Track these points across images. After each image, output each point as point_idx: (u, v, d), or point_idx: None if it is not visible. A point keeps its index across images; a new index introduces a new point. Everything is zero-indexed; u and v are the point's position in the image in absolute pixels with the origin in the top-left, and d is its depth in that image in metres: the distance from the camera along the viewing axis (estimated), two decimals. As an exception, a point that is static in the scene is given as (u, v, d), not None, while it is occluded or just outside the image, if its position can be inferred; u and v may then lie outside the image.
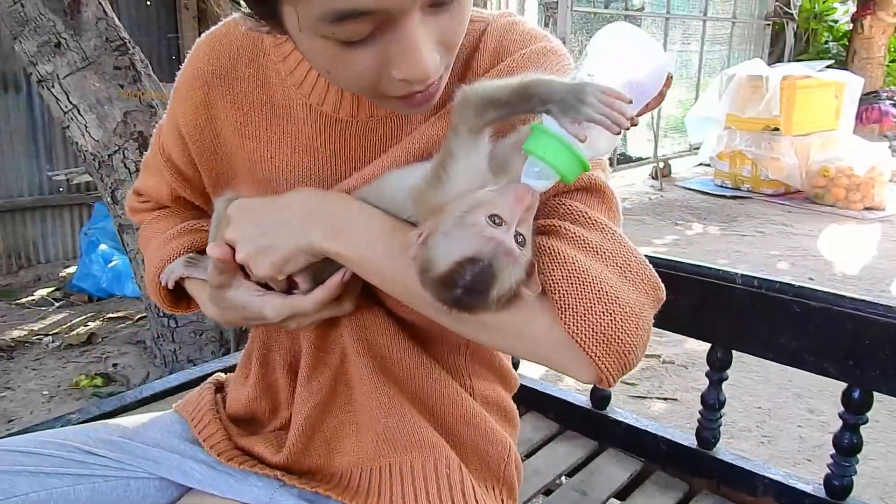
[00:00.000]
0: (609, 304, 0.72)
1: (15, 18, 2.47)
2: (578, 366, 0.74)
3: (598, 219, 0.77)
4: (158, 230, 1.00)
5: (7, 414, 2.62)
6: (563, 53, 0.84)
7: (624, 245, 0.77)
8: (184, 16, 4.49)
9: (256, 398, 0.99)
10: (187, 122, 0.90)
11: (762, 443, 2.53)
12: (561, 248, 0.74)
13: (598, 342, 0.71)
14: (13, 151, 4.03)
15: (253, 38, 0.88)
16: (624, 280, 0.74)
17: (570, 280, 0.72)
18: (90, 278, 3.77)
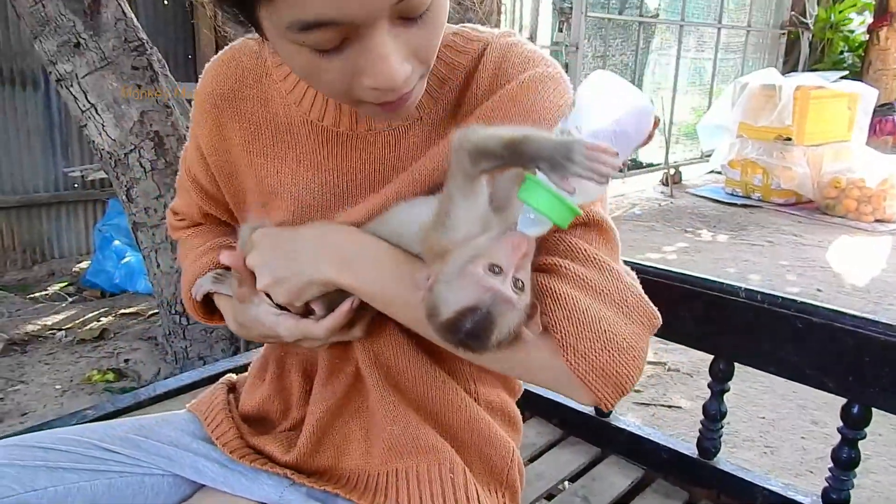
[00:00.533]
0: (607, 341, 0.77)
1: (36, 18, 2.51)
2: (579, 393, 0.80)
3: (596, 256, 0.81)
4: (192, 247, 1.05)
5: (21, 407, 2.66)
6: (560, 79, 0.87)
7: (621, 281, 0.81)
8: (200, 15, 4.53)
9: (270, 398, 1.02)
10: (206, 143, 0.96)
11: (765, 453, 2.54)
12: (562, 288, 0.78)
13: (597, 375, 0.77)
14: (30, 148, 4.08)
15: (256, 60, 0.93)
16: (621, 315, 0.79)
17: (571, 319, 0.77)
18: (103, 274, 3.81)
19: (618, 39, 6.57)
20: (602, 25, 6.32)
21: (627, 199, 6.77)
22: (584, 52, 6.06)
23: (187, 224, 1.10)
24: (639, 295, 0.82)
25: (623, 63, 6.69)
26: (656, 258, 4.83)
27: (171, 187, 2.65)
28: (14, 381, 2.86)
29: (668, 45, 7.27)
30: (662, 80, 7.35)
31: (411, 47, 0.71)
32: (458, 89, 0.87)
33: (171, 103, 2.69)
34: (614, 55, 6.55)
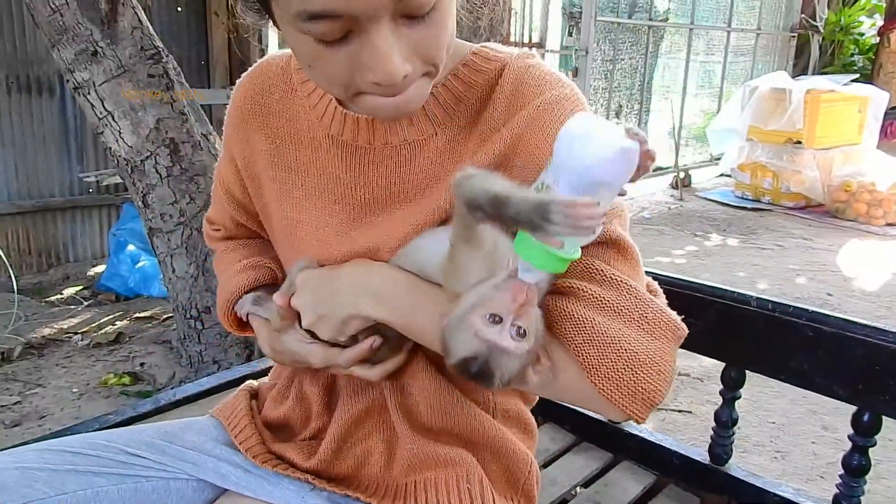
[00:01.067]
0: (630, 360, 0.79)
1: (54, 27, 2.55)
2: (609, 411, 0.82)
3: (614, 275, 0.82)
4: (229, 262, 1.09)
5: (39, 410, 2.70)
6: (576, 100, 0.88)
7: (640, 298, 0.82)
8: (214, 22, 4.57)
9: (291, 407, 1.05)
10: (239, 154, 1.00)
11: (775, 458, 2.55)
12: (581, 311, 0.80)
13: (624, 394, 0.79)
14: (46, 153, 4.13)
15: (283, 76, 0.98)
16: (642, 332, 0.80)
17: (593, 343, 0.79)
18: (118, 278, 3.85)
19: (627, 43, 6.58)
20: (611, 29, 6.33)
21: (637, 202, 6.77)
22: (593, 56, 6.07)
23: (223, 235, 1.13)
24: (659, 309, 0.82)
25: (632, 67, 6.70)
26: (666, 262, 4.84)
27: (187, 193, 2.68)
28: (32, 384, 2.90)
29: (677, 48, 7.28)
30: (672, 84, 7.35)
31: (414, 46, 0.74)
32: (474, 108, 0.89)
33: (186, 110, 2.72)
34: (624, 59, 6.56)
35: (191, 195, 2.69)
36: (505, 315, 0.74)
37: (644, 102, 6.93)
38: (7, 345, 3.19)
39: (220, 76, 4.57)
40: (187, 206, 2.69)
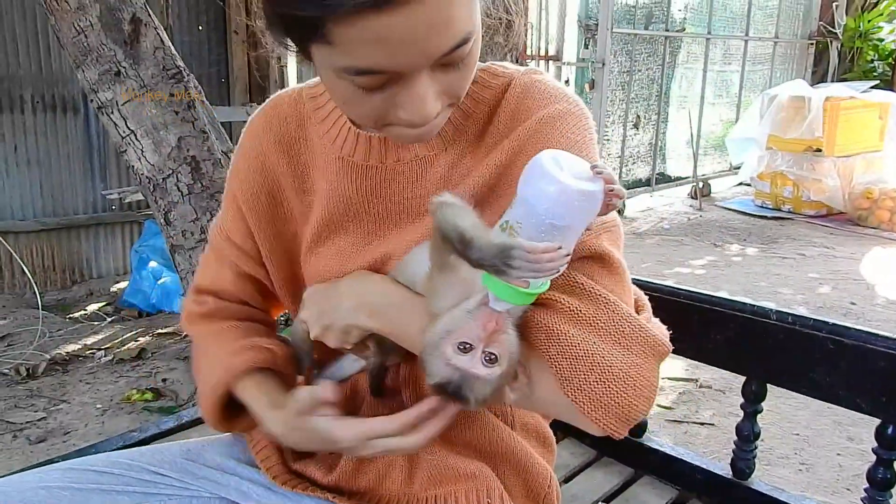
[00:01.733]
0: (602, 373, 0.79)
1: (78, 48, 2.60)
2: (586, 424, 0.82)
3: (593, 289, 0.82)
4: (221, 343, 1.01)
5: (63, 426, 2.73)
6: (580, 115, 0.90)
7: (618, 313, 0.82)
8: (234, 41, 4.63)
9: None
10: (244, 191, 1.00)
11: (800, 470, 2.52)
12: (555, 324, 0.81)
13: (597, 407, 0.79)
14: (70, 171, 4.20)
15: (296, 106, 1.00)
16: (616, 347, 0.80)
17: (565, 354, 0.80)
18: (140, 294, 3.90)
19: (644, 54, 6.57)
20: (628, 41, 6.33)
21: (656, 212, 6.75)
22: (610, 67, 6.07)
23: (208, 310, 1.05)
24: (639, 325, 0.82)
25: (649, 77, 6.69)
26: (686, 273, 4.81)
27: (208, 210, 2.71)
28: (56, 400, 2.94)
29: (694, 58, 7.25)
30: (689, 94, 7.33)
31: (445, 87, 0.78)
32: (481, 122, 0.91)
33: (207, 128, 2.76)
34: (640, 70, 6.56)
35: (212, 212, 2.72)
36: (475, 343, 0.76)
37: (662, 113, 6.91)
38: (32, 361, 3.23)
39: (239, 93, 4.62)
40: (208, 223, 2.72)
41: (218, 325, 1.04)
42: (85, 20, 2.55)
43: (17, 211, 4.08)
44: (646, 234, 5.88)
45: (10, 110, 3.95)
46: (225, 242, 1.03)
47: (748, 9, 7.64)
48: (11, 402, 2.91)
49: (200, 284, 1.07)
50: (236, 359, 0.97)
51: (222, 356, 0.98)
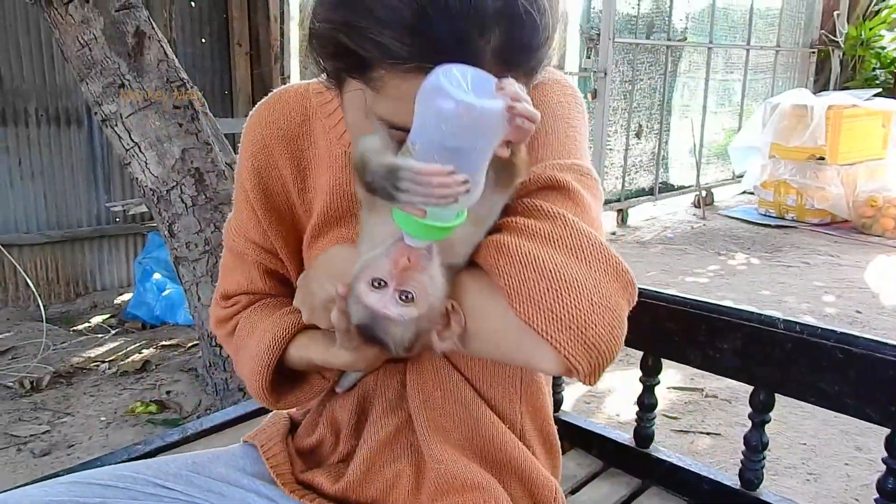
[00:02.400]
0: (554, 281, 0.73)
1: (83, 61, 2.61)
2: (541, 353, 0.75)
3: (551, 209, 0.79)
4: (263, 315, 1.01)
5: (67, 439, 2.72)
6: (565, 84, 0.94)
7: (577, 229, 0.77)
8: (236, 52, 4.65)
9: (322, 433, 1.05)
10: (254, 187, 1.00)
11: (808, 480, 2.51)
12: (507, 239, 0.77)
13: (549, 320, 0.73)
14: (74, 183, 4.21)
15: (302, 101, 1.00)
16: (574, 259, 0.75)
17: (513, 264, 0.75)
18: (144, 306, 3.90)
19: (646, 63, 6.58)
20: (629, 50, 6.34)
21: (659, 221, 6.74)
22: (612, 77, 6.08)
23: (243, 305, 1.06)
24: (599, 244, 0.77)
25: (651, 87, 6.70)
26: (690, 281, 4.80)
27: (212, 222, 2.72)
28: (61, 412, 2.93)
29: (696, 67, 7.26)
30: (691, 103, 7.33)
31: None
32: None
33: (210, 140, 2.77)
34: (642, 79, 6.56)
35: (215, 224, 2.72)
36: (388, 280, 0.72)
37: (664, 122, 6.91)
38: (36, 374, 3.23)
39: (242, 105, 4.64)
40: (212, 234, 2.72)
41: (256, 305, 1.05)
42: (89, 33, 2.57)
43: (22, 223, 4.08)
44: (649, 243, 5.87)
45: (15, 123, 3.97)
46: (245, 243, 1.03)
47: (749, 18, 7.65)
48: (16, 416, 2.90)
49: (227, 290, 1.07)
50: (288, 318, 0.97)
51: (273, 320, 0.98)
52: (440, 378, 0.95)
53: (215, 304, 1.09)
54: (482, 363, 0.96)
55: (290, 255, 1.03)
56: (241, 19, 4.62)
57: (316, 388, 1.03)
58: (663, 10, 6.63)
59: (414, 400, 0.96)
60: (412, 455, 0.98)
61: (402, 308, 0.72)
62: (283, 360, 0.98)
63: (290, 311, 0.98)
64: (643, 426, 1.46)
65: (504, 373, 0.97)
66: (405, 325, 0.73)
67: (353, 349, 0.84)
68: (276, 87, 1.05)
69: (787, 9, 8.15)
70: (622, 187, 6.55)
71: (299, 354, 0.96)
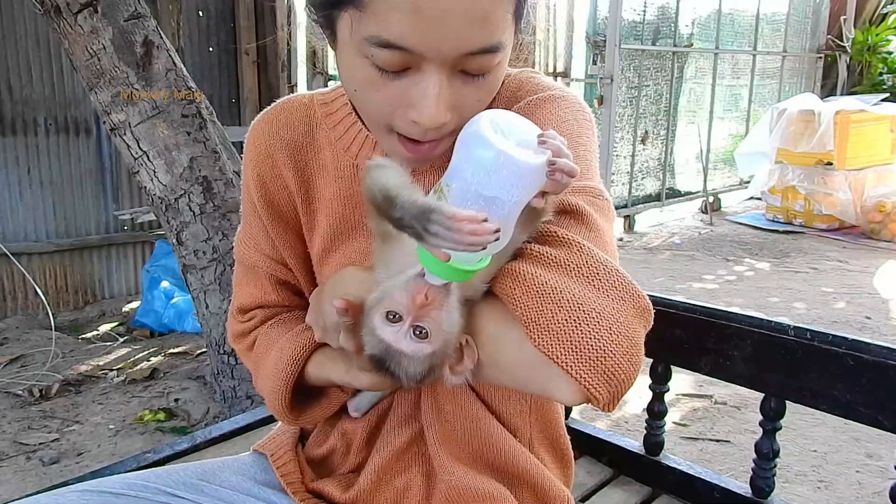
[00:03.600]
0: (572, 311, 0.72)
1: (91, 71, 2.63)
2: (558, 383, 0.74)
3: (566, 236, 0.78)
4: (280, 332, 1.00)
5: (76, 447, 2.73)
6: (571, 100, 0.91)
7: (592, 257, 0.76)
8: (244, 61, 4.67)
9: (334, 442, 1.05)
10: (259, 197, 0.99)
11: (818, 488, 2.49)
12: (521, 267, 0.76)
13: (567, 351, 0.72)
14: (83, 192, 4.22)
15: (306, 111, 0.99)
16: (590, 288, 0.74)
17: (530, 294, 0.74)
18: (152, 314, 3.91)
19: (652, 69, 6.58)
20: (636, 56, 6.34)
21: (666, 227, 6.73)
22: (618, 83, 6.08)
23: (260, 320, 1.05)
24: (615, 271, 0.76)
25: (658, 93, 6.69)
26: (698, 287, 4.78)
27: (220, 230, 2.72)
28: (70, 421, 2.94)
29: (702, 73, 7.26)
30: (698, 108, 7.32)
31: (459, 100, 0.77)
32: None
33: (218, 148, 2.78)
34: (649, 85, 6.56)
35: (223, 232, 2.73)
36: (404, 314, 0.72)
37: (671, 128, 6.90)
38: (45, 382, 3.24)
39: (250, 113, 4.66)
40: (220, 242, 2.73)
41: (273, 321, 1.03)
42: (98, 43, 2.58)
43: (31, 232, 4.10)
44: (657, 249, 5.86)
45: (24, 133, 3.99)
46: (255, 254, 1.03)
47: (756, 23, 7.64)
48: (25, 424, 2.91)
49: (243, 304, 1.05)
50: (304, 335, 0.96)
51: (290, 337, 0.97)
52: (452, 392, 0.95)
53: (232, 317, 1.08)
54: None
55: (300, 265, 1.02)
56: (249, 28, 4.64)
57: (335, 402, 1.01)
58: (669, 17, 6.63)
59: (427, 413, 0.96)
60: (423, 465, 0.97)
61: (417, 344, 0.72)
62: (302, 378, 0.96)
63: (307, 328, 0.97)
64: (653, 434, 1.45)
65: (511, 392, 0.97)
66: (419, 360, 0.73)
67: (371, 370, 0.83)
68: (283, 96, 1.04)
69: (794, 14, 8.14)
70: (629, 193, 6.54)
71: (318, 372, 0.95)
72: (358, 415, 0.99)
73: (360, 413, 0.99)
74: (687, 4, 6.75)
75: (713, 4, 7.08)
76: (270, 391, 0.97)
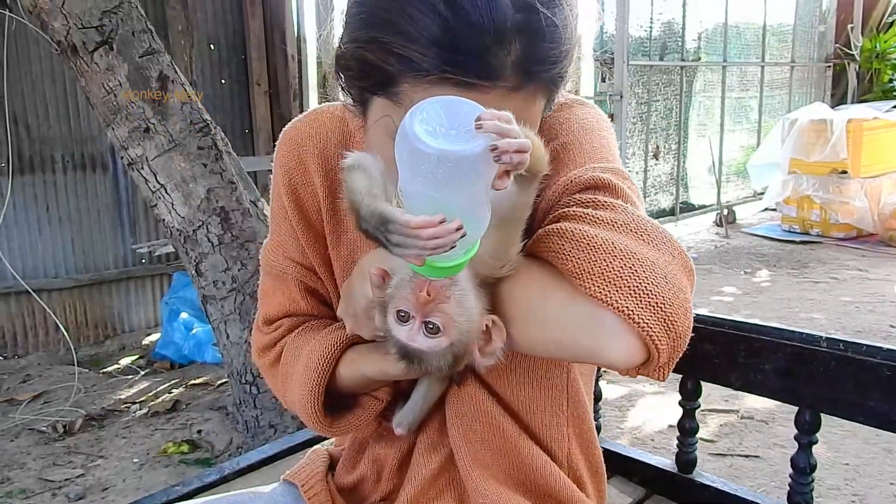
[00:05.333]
0: (626, 259, 0.71)
1: (108, 107, 2.66)
2: (613, 335, 0.71)
3: (606, 200, 0.78)
4: (308, 338, 0.99)
5: (101, 483, 2.73)
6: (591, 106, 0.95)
7: (637, 216, 0.76)
8: (256, 92, 4.72)
9: (364, 470, 1.04)
10: (290, 202, 0.99)
11: (853, 501, 2.45)
12: (566, 226, 0.75)
13: (626, 295, 0.70)
14: (101, 227, 4.27)
15: (339, 123, 0.99)
16: (640, 242, 0.74)
17: (580, 247, 0.73)
18: (172, 346, 3.92)
19: (661, 85, 6.59)
20: (644, 72, 6.35)
21: (682, 242, 6.59)
22: (628, 100, 6.09)
23: (286, 330, 1.02)
24: (661, 229, 0.76)
25: (667, 108, 6.70)
26: (717, 301, 4.75)
27: (238, 260, 2.73)
28: (94, 456, 2.94)
29: (711, 86, 7.26)
30: (708, 122, 7.32)
31: None
32: None
33: (234, 179, 2.80)
34: (658, 100, 6.57)
35: (242, 261, 2.74)
36: (413, 312, 0.72)
37: (682, 142, 6.90)
38: (68, 418, 3.24)
39: (263, 143, 4.70)
40: (239, 272, 2.74)
41: (300, 329, 1.01)
42: (114, 80, 2.62)
43: (50, 269, 4.14)
44: (673, 264, 5.82)
45: (42, 171, 4.04)
46: (284, 261, 1.02)
47: (763, 35, 7.65)
48: (50, 460, 2.91)
49: (269, 315, 1.04)
50: (334, 335, 0.94)
51: (319, 339, 0.95)
52: (479, 412, 0.94)
53: (257, 330, 1.06)
54: (527, 388, 0.94)
55: (327, 273, 1.01)
56: (259, 60, 4.70)
57: (370, 411, 0.98)
58: (675, 32, 6.65)
59: (455, 435, 0.95)
60: (454, 490, 0.97)
61: (431, 340, 0.72)
62: (334, 382, 0.94)
63: (337, 328, 0.95)
64: (685, 451, 1.43)
65: (549, 396, 0.96)
66: (439, 353, 0.73)
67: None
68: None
69: (800, 24, 8.15)
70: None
71: (351, 371, 0.92)
72: (402, 431, 0.95)
73: (405, 429, 0.95)
74: (693, 18, 6.77)
75: (719, 18, 7.10)
76: (301, 396, 0.94)
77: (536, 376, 0.94)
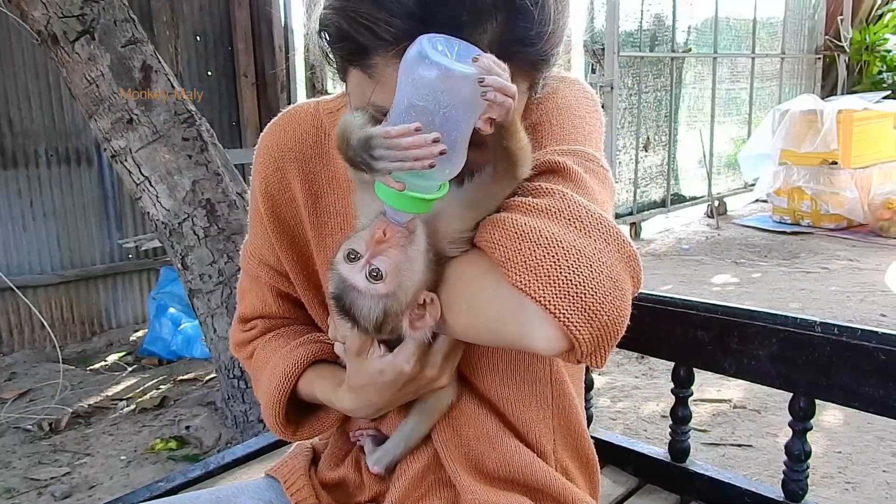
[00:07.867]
0: (550, 248, 0.70)
1: (90, 98, 2.61)
2: (536, 325, 0.70)
3: (549, 187, 0.76)
4: (277, 347, 1.02)
5: (88, 480, 2.69)
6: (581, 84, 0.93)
7: (574, 202, 0.74)
8: (243, 84, 4.67)
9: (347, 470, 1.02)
10: (267, 210, 0.98)
11: (846, 490, 2.44)
12: (502, 215, 0.74)
13: (544, 286, 0.69)
14: (86, 222, 4.21)
15: (313, 121, 0.98)
16: (571, 229, 0.72)
17: (508, 236, 0.72)
18: (160, 342, 3.87)
19: (651, 76, 6.57)
20: (634, 63, 6.32)
21: (673, 234, 6.69)
22: (618, 91, 6.07)
23: (259, 331, 1.06)
24: (598, 215, 0.74)
25: (657, 99, 6.68)
26: (709, 292, 4.74)
27: (225, 253, 2.70)
28: (80, 454, 2.90)
29: (701, 77, 7.24)
30: (699, 113, 7.30)
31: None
32: None
33: (220, 171, 2.76)
34: (649, 91, 6.54)
35: (228, 254, 2.70)
36: (363, 251, 0.73)
37: (672, 133, 6.88)
38: (54, 416, 3.20)
39: (251, 135, 4.65)
40: (225, 265, 2.71)
41: (272, 334, 1.05)
42: (96, 70, 2.57)
43: (35, 265, 4.08)
44: (664, 255, 5.82)
45: (25, 165, 3.99)
46: (259, 266, 1.03)
47: (753, 27, 7.64)
48: (35, 459, 2.87)
49: (244, 313, 1.07)
50: (297, 351, 0.97)
51: (284, 353, 0.99)
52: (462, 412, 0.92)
53: (234, 326, 1.10)
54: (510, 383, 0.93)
55: (303, 279, 1.01)
56: (246, 51, 4.65)
57: (333, 417, 1.02)
58: (665, 24, 6.63)
59: (438, 435, 0.93)
60: (442, 489, 0.95)
61: (370, 284, 0.73)
62: (296, 393, 0.98)
63: (301, 344, 0.99)
64: (678, 440, 1.41)
65: (533, 390, 0.94)
66: (372, 299, 0.73)
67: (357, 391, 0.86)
68: (283, 117, 1.03)
69: (791, 16, 8.14)
70: (634, 200, 6.50)
71: (308, 390, 0.97)
72: (379, 470, 0.97)
73: (382, 468, 0.97)
74: (683, 11, 6.75)
75: (709, 11, 7.08)
76: (265, 406, 1.00)
77: (519, 371, 0.93)
